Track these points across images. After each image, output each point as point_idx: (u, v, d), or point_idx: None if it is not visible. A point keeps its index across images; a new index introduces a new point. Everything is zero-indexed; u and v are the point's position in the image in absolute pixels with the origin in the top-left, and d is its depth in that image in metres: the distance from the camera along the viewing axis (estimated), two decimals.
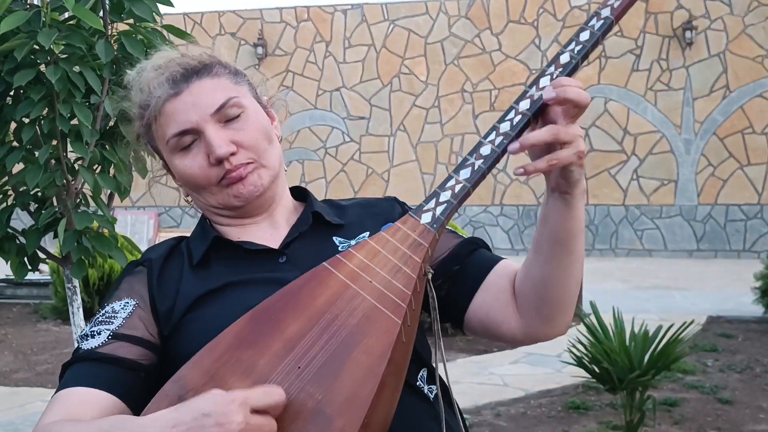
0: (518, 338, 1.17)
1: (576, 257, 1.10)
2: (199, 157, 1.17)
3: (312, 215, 1.23)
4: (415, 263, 1.02)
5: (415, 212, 1.06)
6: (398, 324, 0.96)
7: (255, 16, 13.85)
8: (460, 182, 1.05)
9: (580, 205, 1.07)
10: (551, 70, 1.07)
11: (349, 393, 0.91)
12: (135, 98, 1.23)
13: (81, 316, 2.76)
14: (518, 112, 1.05)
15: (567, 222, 1.07)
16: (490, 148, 1.05)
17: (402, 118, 13.31)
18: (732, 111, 12.27)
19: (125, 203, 13.58)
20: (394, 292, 0.99)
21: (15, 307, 8.16)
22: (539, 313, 1.13)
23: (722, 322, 6.97)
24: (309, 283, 1.01)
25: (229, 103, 1.17)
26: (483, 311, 1.17)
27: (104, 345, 1.10)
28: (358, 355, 0.94)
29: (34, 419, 4.45)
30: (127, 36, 2.29)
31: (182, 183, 1.23)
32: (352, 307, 0.98)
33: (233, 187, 1.16)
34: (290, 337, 0.96)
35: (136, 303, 1.15)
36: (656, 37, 12.49)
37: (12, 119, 2.35)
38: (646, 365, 3.67)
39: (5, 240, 2.52)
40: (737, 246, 12.38)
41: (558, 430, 4.19)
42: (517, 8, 12.97)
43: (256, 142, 1.17)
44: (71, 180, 2.49)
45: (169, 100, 1.17)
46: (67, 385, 1.08)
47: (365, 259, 1.02)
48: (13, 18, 2.08)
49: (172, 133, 1.17)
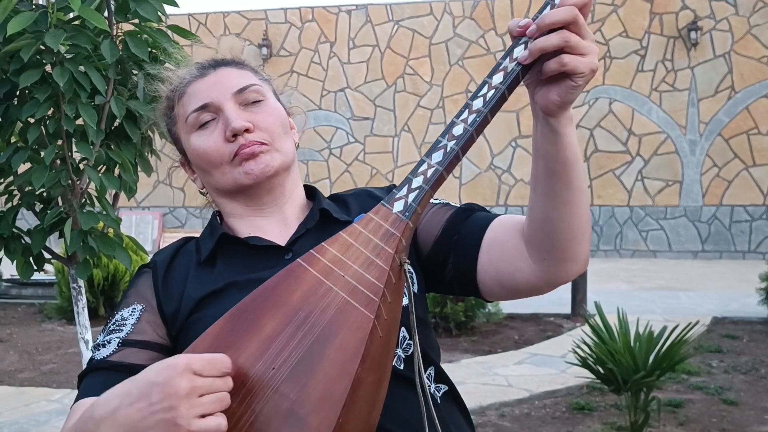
0: (538, 285, 1.12)
1: (575, 188, 1.04)
2: (215, 133, 1.20)
3: (320, 212, 1.23)
4: (388, 254, 0.97)
5: (388, 201, 1.01)
6: (371, 319, 0.93)
7: (260, 17, 13.86)
8: (432, 166, 0.99)
9: (568, 131, 1.00)
10: (506, 62, 1.00)
11: (323, 392, 0.89)
12: (166, 88, 1.29)
13: (86, 316, 2.77)
14: (491, 86, 1.00)
15: (559, 151, 1.01)
16: (463, 128, 0.99)
17: (406, 119, 13.31)
18: (737, 112, 12.24)
19: (130, 203, 13.62)
20: (367, 285, 0.96)
21: (20, 307, 8.18)
22: (552, 254, 1.08)
23: (727, 323, 6.95)
24: (285, 281, 0.98)
25: (251, 87, 1.22)
26: (492, 270, 1.14)
27: (115, 353, 1.13)
28: (331, 352, 0.91)
29: (38, 419, 4.46)
30: (132, 36, 2.30)
31: (196, 164, 1.25)
32: (325, 303, 0.95)
33: (245, 164, 1.18)
34: (266, 337, 0.94)
35: (142, 307, 1.18)
36: (661, 37, 12.47)
37: (18, 119, 2.36)
38: (650, 366, 3.66)
39: (11, 240, 2.53)
40: (742, 247, 12.35)
41: (562, 430, 4.18)
42: (521, 9, 12.96)
43: (272, 127, 1.21)
44: (76, 180, 2.50)
45: (195, 81, 1.24)
46: (82, 395, 1.11)
47: (338, 252, 0.99)
48: (21, 19, 2.09)
49: (192, 108, 1.21)
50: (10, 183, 2.53)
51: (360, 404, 0.92)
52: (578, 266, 1.10)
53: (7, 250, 2.53)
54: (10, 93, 2.35)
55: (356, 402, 0.91)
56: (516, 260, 1.11)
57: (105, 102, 2.38)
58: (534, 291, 1.14)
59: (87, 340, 2.75)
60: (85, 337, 2.74)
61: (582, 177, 1.05)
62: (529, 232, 1.10)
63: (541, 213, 1.06)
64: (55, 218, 2.49)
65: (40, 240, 2.51)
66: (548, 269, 1.09)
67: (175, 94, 1.26)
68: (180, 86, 1.25)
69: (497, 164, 13.03)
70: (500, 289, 1.16)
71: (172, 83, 1.27)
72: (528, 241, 1.10)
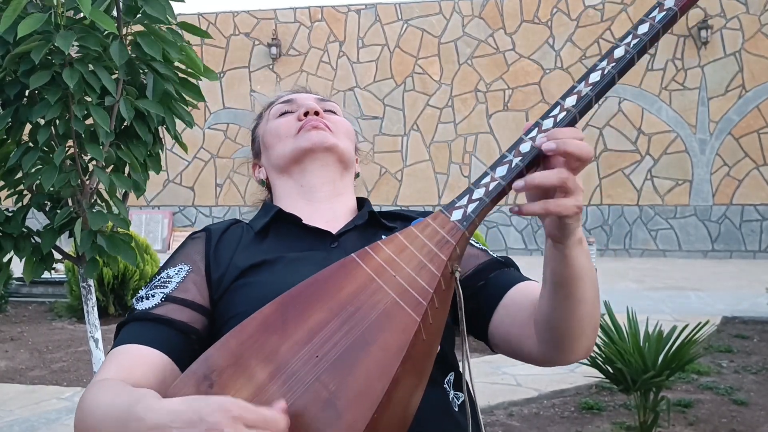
0: (537, 360, 1.17)
1: (578, 300, 1.06)
2: (291, 117, 1.35)
3: (369, 214, 1.31)
4: (441, 261, 0.99)
5: (447, 208, 1.03)
6: (417, 321, 0.95)
7: (269, 16, 13.88)
8: (495, 179, 1.00)
9: (575, 254, 1.02)
10: (603, 64, 1.02)
11: (361, 388, 0.91)
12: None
13: (96, 315, 2.78)
14: (563, 108, 1.00)
15: (563, 269, 1.04)
16: (530, 145, 1.00)
17: (415, 118, 13.31)
18: (748, 111, 12.18)
19: (140, 202, 13.67)
20: (417, 289, 0.98)
21: (31, 306, 8.22)
22: (551, 342, 1.12)
23: (737, 323, 6.92)
24: (336, 274, 1.01)
25: (331, 103, 1.40)
26: (503, 329, 1.19)
27: (157, 307, 1.16)
28: (374, 350, 0.93)
29: (49, 417, 4.48)
30: (143, 36, 2.30)
31: (265, 143, 1.38)
32: (374, 301, 0.97)
33: (305, 132, 1.31)
34: (312, 326, 0.96)
35: (189, 268, 1.22)
36: (671, 36, 12.42)
37: (28, 120, 2.37)
38: (660, 366, 3.65)
39: (21, 239, 2.55)
40: (753, 246, 12.29)
41: (571, 430, 4.17)
42: (530, 8, 12.93)
43: (339, 126, 1.36)
44: (86, 180, 2.51)
45: (285, 96, 1.42)
46: (122, 342, 1.14)
47: (392, 253, 1.01)
48: (32, 21, 2.10)
49: (278, 101, 1.40)
50: (21, 183, 2.54)
51: (395, 404, 0.94)
52: (575, 358, 1.14)
53: (17, 250, 2.55)
54: (20, 94, 2.36)
55: (392, 401, 0.92)
56: (525, 330, 1.16)
57: (114, 102, 2.39)
58: (534, 362, 1.19)
59: (97, 339, 2.77)
60: (94, 335, 2.76)
61: (588, 288, 1.07)
62: (535, 316, 1.14)
63: (546, 310, 1.10)
64: (65, 218, 2.50)
65: (50, 239, 2.52)
66: (547, 352, 1.14)
67: (272, 104, 1.43)
68: (273, 101, 1.43)
69: None
70: (506, 346, 1.21)
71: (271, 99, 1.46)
72: (534, 322, 1.14)
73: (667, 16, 1.03)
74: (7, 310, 7.81)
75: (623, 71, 1.03)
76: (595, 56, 12.62)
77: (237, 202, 13.71)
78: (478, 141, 13.07)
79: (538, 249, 12.77)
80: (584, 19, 12.73)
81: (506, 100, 12.95)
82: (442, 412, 1.14)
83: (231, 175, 13.87)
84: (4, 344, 6.52)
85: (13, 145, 2.46)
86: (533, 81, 12.80)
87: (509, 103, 12.92)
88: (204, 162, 13.98)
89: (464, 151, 13.14)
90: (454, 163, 13.18)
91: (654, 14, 1.04)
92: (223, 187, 13.96)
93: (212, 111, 13.80)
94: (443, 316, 1.02)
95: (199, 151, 13.87)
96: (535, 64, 12.86)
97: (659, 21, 1.03)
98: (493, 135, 13.03)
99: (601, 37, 12.65)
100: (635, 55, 1.02)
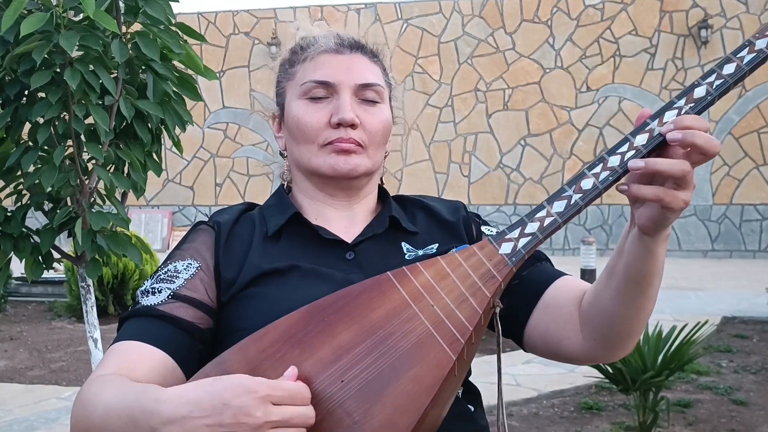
0: (578, 358, 1.13)
1: (648, 297, 1.03)
2: (322, 112, 1.18)
3: (389, 219, 1.23)
4: (484, 297, 0.93)
5: (496, 239, 0.97)
6: (452, 360, 0.89)
7: (269, 16, 13.88)
8: (552, 215, 0.95)
9: (660, 249, 0.98)
10: (681, 103, 0.95)
11: (387, 420, 0.86)
12: (293, 43, 1.28)
13: (95, 314, 2.78)
14: (632, 146, 0.94)
15: (644, 264, 0.99)
16: (593, 183, 0.94)
17: (415, 118, 13.31)
18: (748, 110, 12.18)
19: (139, 202, 13.66)
20: (455, 323, 0.91)
21: (30, 305, 8.22)
22: (604, 340, 1.09)
23: (737, 322, 6.93)
24: (369, 291, 0.95)
25: (375, 87, 1.21)
26: (543, 328, 1.14)
27: (164, 303, 1.11)
28: (404, 382, 0.88)
29: (48, 416, 4.48)
30: (142, 37, 2.30)
31: (289, 129, 1.23)
32: (408, 329, 0.91)
33: (334, 156, 1.17)
34: (340, 346, 0.91)
35: (199, 265, 1.16)
36: (671, 35, 12.42)
37: (27, 120, 2.37)
38: (659, 366, 3.65)
39: (20, 239, 2.54)
40: (753, 246, 12.29)
41: (570, 430, 4.17)
42: (530, 7, 12.93)
43: (375, 132, 1.21)
44: (85, 180, 2.51)
45: (329, 53, 1.22)
46: (124, 337, 1.09)
47: (432, 279, 0.95)
48: (33, 20, 2.09)
49: (313, 78, 1.20)
50: (20, 183, 2.54)
51: None
52: (624, 353, 1.11)
53: (16, 249, 2.55)
54: (20, 93, 2.36)
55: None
56: (566, 328, 1.12)
57: (114, 102, 2.39)
58: (573, 361, 1.15)
59: (96, 339, 2.77)
60: (94, 335, 2.76)
61: (657, 287, 1.03)
62: (588, 313, 1.09)
63: (608, 305, 1.05)
64: (65, 218, 2.50)
65: (49, 239, 2.52)
66: (595, 349, 1.10)
67: (304, 52, 1.24)
68: (313, 49, 1.23)
69: (506, 163, 13.01)
70: (543, 346, 1.16)
71: (307, 40, 1.26)
72: (584, 319, 1.10)
73: (756, 59, 0.97)
74: (6, 309, 7.81)
75: (701, 111, 0.97)
76: (595, 55, 12.63)
77: (236, 202, 13.67)
78: (478, 140, 13.07)
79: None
80: (584, 19, 12.73)
81: (506, 99, 12.95)
82: (460, 419, 1.13)
83: (230, 174, 13.87)
84: (3, 344, 6.52)
85: (12, 145, 2.45)
86: (533, 80, 12.80)
87: (509, 103, 12.92)
88: (203, 161, 13.97)
89: (464, 150, 13.14)
90: (454, 162, 13.18)
91: (743, 54, 0.97)
92: (222, 186, 13.96)
93: (212, 110, 13.79)
94: (475, 351, 0.98)
95: (199, 151, 13.86)
96: (535, 63, 12.86)
97: (747, 63, 0.96)
98: (493, 134, 13.02)
99: (601, 37, 12.65)
100: (716, 97, 0.96)
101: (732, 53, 0.97)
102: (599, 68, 12.67)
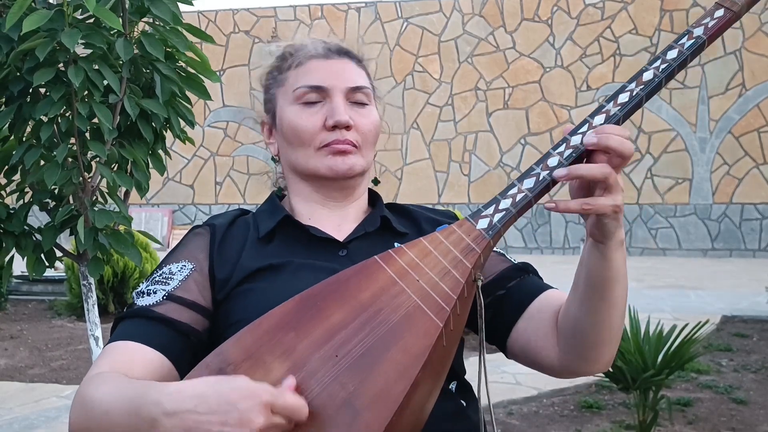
0: (556, 369, 1.16)
1: (611, 304, 1.07)
2: (317, 116, 1.22)
3: (381, 219, 1.27)
4: (465, 268, 1.00)
5: (473, 216, 1.04)
6: (439, 327, 0.95)
7: (269, 14, 13.87)
8: (522, 191, 1.03)
9: (615, 255, 1.03)
10: (632, 86, 1.05)
11: (381, 389, 0.91)
12: (281, 50, 1.31)
13: (96, 313, 2.78)
14: (591, 126, 1.03)
15: (601, 270, 1.04)
16: (558, 160, 1.02)
17: (415, 116, 13.31)
18: (748, 109, 12.19)
19: (139, 200, 13.67)
20: (440, 294, 0.98)
21: (30, 304, 8.22)
22: (576, 351, 1.12)
23: (737, 321, 6.93)
24: (358, 275, 1.01)
25: (364, 89, 1.26)
26: (524, 339, 1.18)
27: (158, 305, 1.13)
28: (395, 352, 0.93)
29: (48, 415, 4.48)
30: (148, 36, 2.31)
31: (283, 135, 1.25)
32: (396, 304, 0.97)
33: (332, 157, 1.21)
34: (332, 326, 0.96)
35: (193, 267, 1.18)
36: (671, 34, 12.41)
37: (30, 117, 2.37)
38: (659, 365, 3.65)
39: (22, 237, 2.55)
40: (752, 245, 12.30)
41: (571, 429, 4.18)
42: (531, 6, 12.93)
43: (368, 133, 1.24)
44: (88, 178, 2.51)
45: (318, 58, 1.25)
46: (119, 337, 1.12)
47: (416, 257, 1.01)
48: (37, 17, 2.09)
49: (305, 83, 1.23)
50: (23, 180, 2.55)
51: (412, 408, 0.94)
52: (598, 368, 1.15)
53: (18, 247, 2.55)
54: (24, 91, 2.36)
55: (410, 405, 0.93)
56: (546, 340, 1.15)
57: (118, 101, 2.39)
58: (552, 373, 1.19)
59: (97, 337, 2.77)
60: (95, 333, 2.76)
61: (621, 294, 1.07)
62: (561, 324, 1.13)
63: (576, 315, 1.10)
64: (66, 216, 2.50)
65: (51, 237, 2.52)
66: (570, 361, 1.14)
67: (293, 59, 1.27)
68: (301, 55, 1.26)
69: (506, 162, 13.01)
70: (523, 356, 1.20)
71: (294, 47, 1.29)
72: (559, 331, 1.14)
73: (695, 44, 1.07)
74: (6, 307, 7.80)
75: (651, 94, 1.06)
76: (595, 54, 12.63)
77: (237, 200, 13.71)
78: (478, 139, 13.07)
79: (538, 248, 12.78)
80: (584, 18, 12.73)
81: (506, 98, 12.95)
82: (453, 414, 1.15)
83: (230, 173, 13.87)
84: (3, 342, 6.52)
85: (15, 143, 2.46)
86: (533, 79, 12.80)
87: (509, 102, 12.92)
88: (204, 160, 13.98)
89: (464, 149, 13.14)
90: (454, 161, 13.18)
91: (683, 41, 1.08)
92: (222, 185, 13.96)
93: (212, 109, 13.80)
94: (462, 324, 1.02)
95: (199, 149, 13.87)
96: (535, 62, 12.86)
97: (688, 48, 1.07)
98: (493, 133, 13.03)
99: (602, 36, 12.66)
100: (663, 79, 1.05)
101: (674, 41, 1.08)
102: (599, 67, 12.68)
